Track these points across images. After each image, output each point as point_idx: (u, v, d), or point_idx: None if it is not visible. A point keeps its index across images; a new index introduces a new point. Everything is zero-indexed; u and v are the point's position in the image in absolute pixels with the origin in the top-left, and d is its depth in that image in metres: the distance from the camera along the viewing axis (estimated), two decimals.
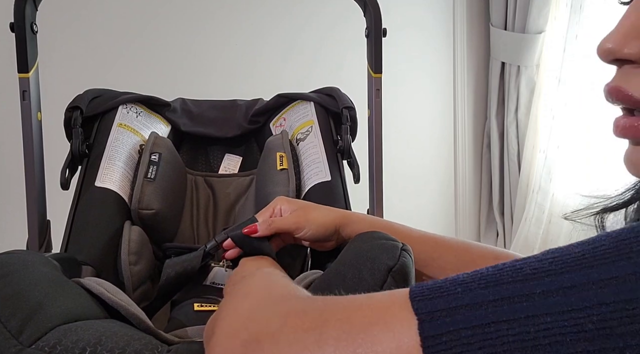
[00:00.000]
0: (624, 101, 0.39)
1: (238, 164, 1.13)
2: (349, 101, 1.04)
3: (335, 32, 1.91)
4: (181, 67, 1.67)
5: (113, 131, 0.97)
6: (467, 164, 2.34)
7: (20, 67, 0.81)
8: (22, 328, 0.49)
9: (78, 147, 0.92)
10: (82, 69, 1.50)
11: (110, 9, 1.56)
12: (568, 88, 2.04)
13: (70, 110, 0.95)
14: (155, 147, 0.96)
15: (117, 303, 0.58)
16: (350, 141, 0.99)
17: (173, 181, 0.96)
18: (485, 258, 0.70)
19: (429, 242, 0.72)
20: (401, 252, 0.59)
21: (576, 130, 2.03)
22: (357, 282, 0.55)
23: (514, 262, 0.33)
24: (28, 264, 0.57)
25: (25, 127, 0.83)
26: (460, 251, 0.72)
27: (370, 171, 0.95)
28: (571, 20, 1.99)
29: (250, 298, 0.46)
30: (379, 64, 0.91)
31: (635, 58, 0.37)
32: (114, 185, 0.89)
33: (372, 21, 0.90)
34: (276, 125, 1.10)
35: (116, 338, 0.50)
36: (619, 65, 0.39)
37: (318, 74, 1.87)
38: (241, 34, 1.76)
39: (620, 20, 0.38)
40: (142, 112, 1.05)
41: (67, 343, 0.49)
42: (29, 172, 0.84)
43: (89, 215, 0.84)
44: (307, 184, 0.93)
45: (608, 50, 0.38)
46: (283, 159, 0.95)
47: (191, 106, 1.15)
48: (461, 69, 2.25)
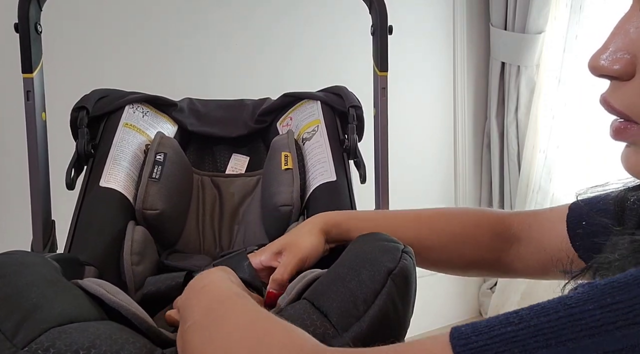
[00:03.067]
0: (610, 112, 0.43)
1: (245, 164, 1.12)
2: (356, 100, 1.03)
3: (338, 31, 1.91)
4: (182, 67, 1.67)
5: (119, 131, 0.97)
6: (467, 164, 2.34)
7: (24, 68, 0.82)
8: (17, 329, 0.49)
9: (84, 147, 0.92)
10: (88, 69, 1.51)
11: (115, 9, 1.56)
12: (568, 88, 2.05)
13: (77, 110, 0.95)
14: (160, 147, 0.96)
15: (117, 303, 0.57)
16: (356, 140, 0.97)
17: (178, 181, 0.95)
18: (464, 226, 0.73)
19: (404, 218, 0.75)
20: (402, 254, 0.58)
21: (576, 130, 2.04)
22: (357, 285, 0.54)
23: (567, 305, 0.32)
24: (26, 265, 0.57)
25: (30, 128, 0.83)
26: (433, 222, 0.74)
27: (376, 171, 0.93)
28: (571, 20, 2.00)
29: (233, 340, 0.44)
30: (384, 62, 0.89)
31: (619, 75, 0.41)
32: (119, 185, 0.89)
33: (377, 18, 0.88)
34: (283, 124, 1.10)
35: (111, 341, 0.49)
36: (608, 79, 0.43)
37: (321, 73, 1.86)
38: (243, 33, 1.76)
39: (608, 38, 0.42)
40: (149, 112, 1.05)
41: (61, 345, 0.48)
42: (34, 172, 0.84)
43: (93, 215, 0.84)
44: (313, 184, 0.92)
45: (595, 67, 0.42)
46: (288, 158, 0.94)
47: (198, 106, 1.14)
48: (461, 69, 2.26)
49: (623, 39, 0.41)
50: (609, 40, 0.42)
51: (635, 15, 0.41)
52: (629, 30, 0.41)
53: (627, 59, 0.41)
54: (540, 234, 0.70)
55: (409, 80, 2.09)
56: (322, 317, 0.52)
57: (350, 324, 0.51)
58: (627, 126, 0.42)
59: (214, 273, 0.61)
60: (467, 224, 0.74)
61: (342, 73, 1.62)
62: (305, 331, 0.50)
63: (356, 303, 0.52)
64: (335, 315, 0.52)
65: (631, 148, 0.44)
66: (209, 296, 0.54)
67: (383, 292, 0.53)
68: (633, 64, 0.41)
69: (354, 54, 1.84)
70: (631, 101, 0.41)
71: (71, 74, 1.45)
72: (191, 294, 0.56)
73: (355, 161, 0.98)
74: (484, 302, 2.40)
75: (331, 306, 0.53)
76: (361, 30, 1.03)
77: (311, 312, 0.53)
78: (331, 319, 0.52)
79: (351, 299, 0.53)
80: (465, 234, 0.73)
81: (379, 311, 0.52)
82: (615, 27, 0.42)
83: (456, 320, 2.33)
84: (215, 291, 0.55)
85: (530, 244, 0.71)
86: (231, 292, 0.54)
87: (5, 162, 1.43)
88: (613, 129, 0.44)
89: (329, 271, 0.58)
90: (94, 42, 1.54)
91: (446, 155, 2.29)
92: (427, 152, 2.22)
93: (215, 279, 0.58)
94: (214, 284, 0.56)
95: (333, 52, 1.91)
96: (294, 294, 0.58)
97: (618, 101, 0.42)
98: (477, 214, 0.76)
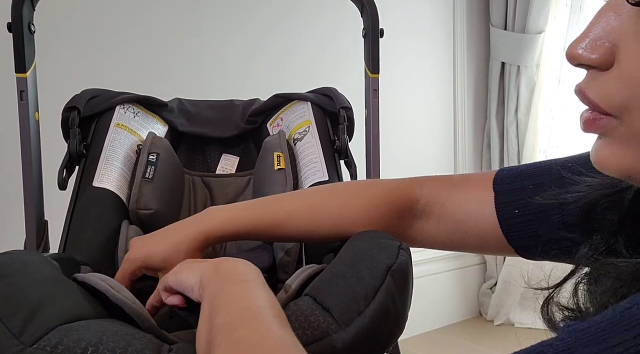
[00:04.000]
0: (585, 102, 0.41)
1: (235, 164, 1.13)
2: (345, 101, 1.04)
3: (338, 31, 1.91)
4: (180, 67, 1.67)
5: (110, 131, 0.97)
6: (467, 164, 2.35)
7: (18, 67, 0.81)
8: (24, 327, 0.49)
9: (75, 148, 0.92)
10: (80, 69, 1.50)
11: (109, 8, 1.55)
12: (568, 88, 2.05)
13: (68, 110, 0.95)
14: (153, 147, 0.96)
15: (121, 300, 0.57)
16: (347, 140, 0.99)
17: (171, 181, 0.96)
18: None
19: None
20: (399, 250, 0.60)
21: (576, 130, 2.01)
22: (357, 281, 0.56)
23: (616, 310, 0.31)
24: (28, 264, 0.57)
25: (23, 127, 0.83)
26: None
27: (368, 170, 0.95)
28: (571, 20, 2.01)
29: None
30: (376, 64, 0.91)
31: (597, 64, 0.39)
32: (112, 185, 0.89)
33: (369, 21, 0.90)
34: (273, 125, 1.11)
35: (117, 337, 0.50)
36: (586, 69, 0.41)
37: (320, 74, 1.87)
38: (240, 34, 1.76)
39: (588, 25, 0.40)
40: (140, 112, 1.05)
41: (69, 342, 0.49)
42: (27, 172, 0.84)
43: (86, 215, 0.84)
44: (305, 184, 0.94)
45: (573, 56, 0.40)
46: (280, 158, 0.95)
47: (188, 106, 1.15)
48: (461, 69, 2.26)
49: (604, 27, 0.38)
50: (588, 28, 0.39)
51: (618, 3, 0.38)
52: (610, 17, 0.38)
53: (607, 47, 0.38)
54: (459, 216, 0.66)
55: (409, 80, 2.11)
56: (324, 312, 0.54)
57: (352, 319, 0.53)
58: (598, 116, 0.40)
59: (251, 270, 0.55)
60: (361, 199, 0.69)
61: (340, 74, 1.64)
62: (310, 327, 0.52)
63: (357, 298, 0.54)
64: (337, 310, 0.53)
65: (602, 140, 0.42)
66: (242, 300, 0.49)
67: (383, 288, 0.55)
68: (612, 53, 0.38)
69: (354, 54, 1.85)
70: (607, 92, 0.39)
71: (64, 73, 1.44)
72: (224, 285, 0.51)
73: (346, 161, 1.00)
74: (484, 302, 2.40)
75: (333, 301, 0.54)
76: (357, 33, 1.05)
77: (314, 308, 0.54)
78: (333, 314, 0.53)
79: (352, 295, 0.54)
80: (362, 215, 0.68)
81: (380, 306, 0.54)
82: (596, 14, 0.40)
83: (456, 320, 2.34)
84: (249, 298, 0.49)
85: (444, 222, 0.67)
86: (265, 304, 0.48)
87: None
88: (583, 120, 0.41)
89: (328, 268, 0.60)
90: (88, 42, 1.53)
91: (446, 155, 2.30)
92: (427, 152, 2.23)
93: (254, 277, 0.53)
94: (254, 286, 0.51)
95: (332, 52, 1.91)
96: (293, 290, 0.59)
97: (594, 92, 0.40)
98: (374, 192, 0.70)
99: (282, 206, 0.71)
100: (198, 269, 0.57)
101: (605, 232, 0.51)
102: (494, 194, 0.64)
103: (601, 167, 0.43)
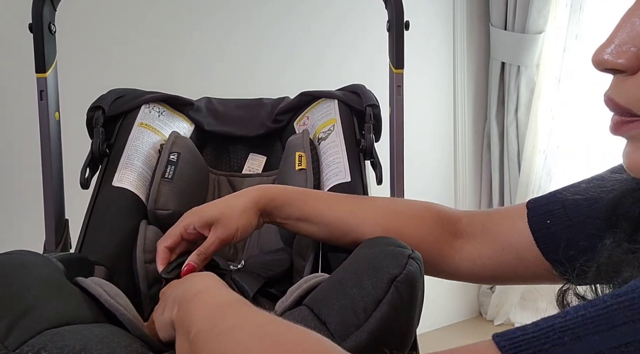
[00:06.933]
0: (616, 110, 0.42)
1: (262, 164, 1.11)
2: (373, 99, 1.00)
3: (339, 30, 1.90)
4: (195, 68, 1.69)
5: (134, 130, 0.97)
6: (467, 165, 2.35)
7: (38, 67, 0.82)
8: (10, 331, 0.48)
9: (98, 147, 0.92)
10: (103, 69, 1.53)
11: (129, 9, 1.58)
12: (568, 88, 2.06)
13: (93, 110, 0.95)
14: (174, 146, 0.95)
15: (113, 306, 0.56)
16: (373, 140, 0.95)
17: (191, 181, 0.95)
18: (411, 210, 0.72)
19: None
20: (408, 260, 0.55)
21: (576, 130, 2.05)
22: (358, 292, 0.52)
23: (615, 296, 0.32)
24: (25, 265, 0.57)
25: (43, 127, 0.84)
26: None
27: (392, 171, 0.91)
28: (571, 20, 2.00)
29: (250, 346, 0.41)
30: (400, 58, 0.87)
31: (624, 68, 0.40)
32: (131, 185, 0.88)
33: (393, 14, 0.86)
34: (300, 124, 1.08)
35: (102, 345, 0.48)
36: (612, 74, 0.41)
37: (321, 73, 1.86)
38: (244, 33, 1.76)
39: (613, 31, 0.41)
40: (165, 111, 1.04)
41: (52, 348, 0.47)
42: (47, 171, 0.84)
43: (104, 215, 0.84)
44: (327, 185, 0.90)
45: (599, 61, 0.41)
46: (302, 158, 0.92)
47: (217, 105, 1.13)
48: (461, 69, 2.25)
49: (629, 32, 0.40)
50: (614, 33, 0.41)
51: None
52: (635, 22, 0.40)
53: (633, 51, 0.39)
54: (497, 232, 0.67)
55: (409, 80, 2.07)
56: (320, 325, 0.50)
57: (349, 333, 0.49)
58: (628, 119, 0.41)
59: (205, 279, 0.58)
60: (413, 206, 0.72)
61: (342, 73, 1.62)
62: None
63: (356, 311, 0.50)
64: (334, 323, 0.50)
65: (633, 144, 0.43)
66: (209, 302, 0.51)
67: (385, 300, 0.51)
68: (638, 57, 0.40)
69: (355, 53, 1.84)
70: (636, 95, 0.40)
71: (86, 73, 1.47)
72: (184, 303, 0.53)
73: (371, 162, 0.95)
74: (484, 302, 2.42)
75: (330, 314, 0.50)
76: (362, 30, 1.01)
77: (310, 319, 0.51)
78: (329, 327, 0.50)
79: (351, 307, 0.50)
80: (409, 213, 0.71)
81: (380, 319, 0.50)
82: (621, 19, 0.41)
83: (456, 320, 2.36)
84: (215, 297, 0.52)
85: (483, 243, 0.68)
86: (233, 298, 0.52)
87: (20, 161, 1.45)
88: (613, 123, 0.43)
89: (331, 276, 0.56)
90: (109, 43, 1.57)
91: (446, 155, 2.31)
92: (427, 153, 2.23)
93: (209, 285, 0.55)
94: (210, 291, 0.54)
95: (334, 52, 1.90)
96: (293, 299, 0.56)
97: (622, 97, 0.41)
98: (424, 203, 0.74)
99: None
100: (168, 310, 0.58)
101: (629, 224, 0.51)
102: (526, 211, 0.66)
103: (633, 170, 0.43)
